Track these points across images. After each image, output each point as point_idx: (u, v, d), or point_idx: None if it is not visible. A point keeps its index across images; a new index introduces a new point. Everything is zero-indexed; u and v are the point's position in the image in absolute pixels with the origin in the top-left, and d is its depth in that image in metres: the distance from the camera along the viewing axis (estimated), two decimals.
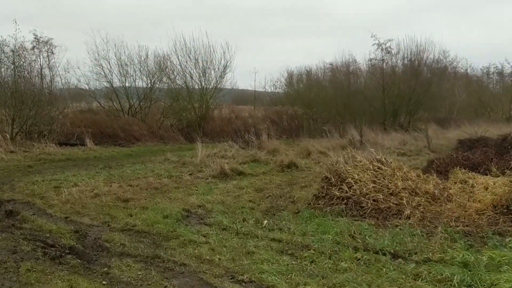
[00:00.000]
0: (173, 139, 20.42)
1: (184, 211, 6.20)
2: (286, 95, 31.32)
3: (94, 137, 18.26)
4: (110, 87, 22.59)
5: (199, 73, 22.32)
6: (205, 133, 21.93)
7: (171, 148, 18.34)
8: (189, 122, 22.53)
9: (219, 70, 22.34)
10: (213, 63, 22.23)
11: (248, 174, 9.32)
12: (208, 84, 22.39)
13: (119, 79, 22.45)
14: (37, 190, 8.25)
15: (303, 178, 8.77)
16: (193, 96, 22.73)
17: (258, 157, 11.22)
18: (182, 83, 22.89)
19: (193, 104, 22.52)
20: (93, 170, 10.82)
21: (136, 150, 16.82)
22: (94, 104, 23.73)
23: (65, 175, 9.92)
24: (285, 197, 6.96)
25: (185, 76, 22.58)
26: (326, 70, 29.57)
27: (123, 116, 21.50)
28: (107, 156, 14.89)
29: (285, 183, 8.33)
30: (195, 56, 22.12)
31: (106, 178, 9.44)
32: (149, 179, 9.11)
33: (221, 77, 22.47)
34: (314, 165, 10.28)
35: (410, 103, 25.32)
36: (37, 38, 20.85)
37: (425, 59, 25.22)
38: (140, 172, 10.31)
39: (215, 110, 23.26)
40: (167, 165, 11.47)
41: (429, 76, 25.45)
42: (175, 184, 8.55)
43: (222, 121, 22.44)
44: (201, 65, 22.18)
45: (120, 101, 22.56)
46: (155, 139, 20.00)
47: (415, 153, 12.77)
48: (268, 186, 7.91)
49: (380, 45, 26.04)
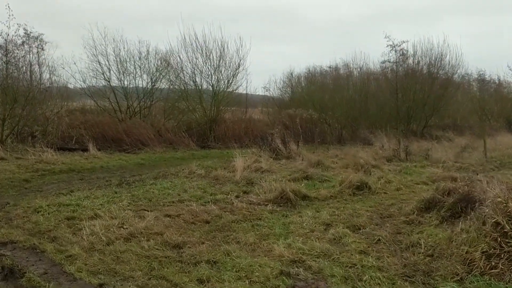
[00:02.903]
0: (182, 143, 18.19)
1: (281, 273, 4.06)
2: (291, 97, 29.29)
3: (96, 141, 16.00)
4: (108, 85, 20.22)
5: (211, 71, 20.12)
6: (216, 137, 19.75)
7: (182, 155, 16.18)
8: (199, 125, 20.32)
9: (232, 69, 20.16)
10: (226, 61, 20.06)
11: (313, 198, 7.22)
12: (221, 83, 20.19)
13: (117, 76, 20.08)
14: (44, 223, 6.04)
15: (394, 207, 6.68)
16: (204, 96, 20.52)
17: (310, 173, 9.11)
18: (190, 82, 20.65)
19: (203, 105, 20.30)
20: (108, 189, 8.60)
21: (146, 158, 14.58)
22: (88, 103, 21.38)
23: (75, 196, 7.69)
24: (405, 244, 4.89)
25: (194, 74, 20.36)
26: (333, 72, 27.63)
27: (121, 116, 19.20)
28: (115, 166, 12.65)
29: (377, 215, 6.23)
30: (207, 53, 19.91)
31: (131, 203, 7.25)
32: (189, 205, 6.95)
33: (234, 77, 20.30)
34: (387, 186, 8.19)
35: (425, 109, 23.48)
36: (27, 33, 18.43)
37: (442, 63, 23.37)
38: (170, 192, 8.13)
39: (227, 112, 21.06)
40: (197, 181, 9.31)
41: (445, 81, 23.57)
42: (229, 214, 6.40)
43: (234, 124, 20.22)
44: (214, 63, 19.99)
45: (118, 101, 20.23)
46: (163, 143, 17.76)
47: (491, 169, 10.63)
48: (359, 221, 5.81)
49: (394, 47, 24.18)
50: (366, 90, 22.21)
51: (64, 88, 19.53)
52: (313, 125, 19.98)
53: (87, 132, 17.10)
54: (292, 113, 20.51)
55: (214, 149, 18.26)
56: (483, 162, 11.62)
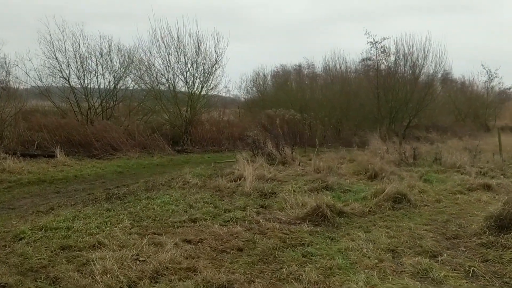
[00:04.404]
0: (157, 148, 16.81)
1: None
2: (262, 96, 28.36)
3: (61, 146, 14.38)
4: (66, 84, 18.42)
5: (186, 68, 18.79)
6: (193, 141, 18.50)
7: (160, 160, 14.86)
8: (173, 127, 18.98)
9: (209, 65, 18.94)
10: (202, 57, 18.83)
11: (349, 213, 6.30)
12: (198, 82, 18.93)
13: (77, 75, 18.35)
14: (34, 255, 4.75)
15: (451, 224, 5.80)
16: (178, 95, 19.19)
17: (329, 182, 8.17)
18: (162, 79, 19.22)
19: (178, 105, 18.95)
20: (97, 205, 7.28)
21: (123, 165, 13.16)
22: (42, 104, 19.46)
23: (61, 216, 6.35)
24: (509, 277, 4.02)
25: (167, 71, 18.96)
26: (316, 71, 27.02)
27: (80, 118, 17.53)
28: (91, 175, 11.22)
29: (440, 236, 5.31)
30: (181, 48, 18.57)
31: (133, 223, 6.03)
32: (207, 226, 5.83)
33: (211, 74, 19.09)
34: (424, 197, 7.36)
35: (407, 108, 23.17)
36: None
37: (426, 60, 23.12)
38: (173, 208, 6.93)
39: (204, 113, 19.84)
40: (198, 193, 8.15)
41: (429, 80, 23.37)
42: (262, 237, 5.32)
43: (212, 126, 19.05)
44: (189, 59, 18.69)
45: (78, 101, 18.52)
46: (136, 148, 16.31)
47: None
48: (426, 245, 4.84)
49: (374, 44, 23.76)
50: (347, 89, 21.62)
51: (14, 88, 17.62)
52: (296, 126, 19.11)
53: (51, 136, 15.45)
54: (272, 113, 19.54)
55: (192, 154, 17.02)
56: (503, 166, 10.96)
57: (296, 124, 19.60)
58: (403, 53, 21.97)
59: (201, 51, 18.49)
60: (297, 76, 27.27)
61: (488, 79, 32.00)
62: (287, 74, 29.62)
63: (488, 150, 13.47)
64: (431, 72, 22.15)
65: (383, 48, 23.20)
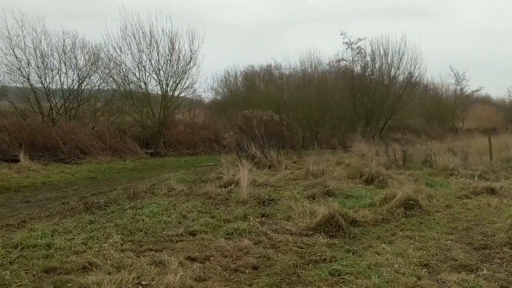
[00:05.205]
0: (129, 151, 15.91)
1: None
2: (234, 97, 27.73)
3: (24, 150, 13.27)
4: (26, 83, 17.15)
5: (159, 66, 17.90)
6: (167, 143, 17.65)
7: (134, 165, 14.00)
8: (145, 129, 18.05)
9: (183, 64, 18.12)
10: (177, 54, 18.00)
11: (363, 222, 5.79)
12: (171, 81, 18.08)
13: (38, 73, 17.13)
14: (13, 281, 3.96)
15: (473, 233, 5.35)
16: (150, 95, 18.26)
17: (330, 187, 7.65)
18: (133, 78, 18.23)
19: (150, 105, 18.02)
20: (76, 216, 6.46)
21: (95, 170, 12.23)
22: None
23: (38, 231, 5.51)
24: None
25: (139, 69, 17.99)
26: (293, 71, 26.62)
27: (41, 119, 16.37)
28: (61, 182, 10.30)
29: (468, 246, 4.87)
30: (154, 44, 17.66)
31: (124, 238, 5.29)
32: (210, 240, 5.18)
33: (184, 72, 18.27)
34: (432, 202, 6.96)
35: (383, 110, 23.16)
36: None
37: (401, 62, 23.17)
38: (165, 218, 6.21)
39: (178, 113, 19.00)
40: (188, 201, 7.43)
41: (404, 82, 23.48)
42: (276, 252, 4.74)
43: (186, 128, 18.26)
44: (162, 56, 17.83)
45: (39, 100, 17.30)
46: (107, 151, 15.35)
47: (506, 176, 9.63)
48: (458, 257, 4.38)
49: (350, 45, 23.65)
50: (324, 90, 21.33)
51: None
52: (275, 128, 18.59)
53: (12, 139, 14.25)
54: (249, 114, 18.95)
55: (167, 157, 16.21)
56: (494, 168, 10.80)
57: (275, 125, 19.11)
58: (378, 54, 21.93)
59: (175, 48, 17.68)
60: (271, 76, 26.83)
61: (456, 81, 32.73)
62: (256, 74, 29.21)
63: (471, 152, 13.37)
64: (406, 74, 22.22)
65: (359, 49, 23.16)
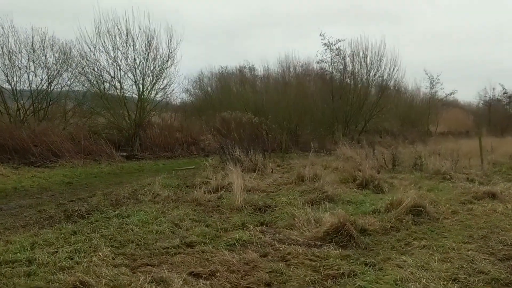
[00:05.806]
0: (104, 154, 15.16)
1: None
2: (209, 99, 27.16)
3: None
4: None
5: (135, 65, 17.15)
6: (144, 146, 16.97)
7: (111, 168, 13.31)
8: (120, 131, 17.30)
9: (160, 62, 17.44)
10: (153, 52, 17.30)
11: (371, 231, 5.44)
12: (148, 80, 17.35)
13: (4, 71, 16.16)
14: None
15: (491, 242, 5.02)
16: (126, 95, 17.52)
17: (328, 192, 7.29)
18: (107, 77, 17.37)
19: (126, 105, 17.25)
20: (57, 226, 5.85)
21: (70, 174, 11.50)
22: None
23: (16, 244, 4.91)
24: None
25: (114, 67, 17.18)
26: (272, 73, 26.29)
27: (8, 121, 15.44)
28: (35, 187, 9.59)
29: (491, 257, 4.53)
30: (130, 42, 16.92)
31: (114, 251, 4.75)
32: (211, 253, 4.70)
33: (162, 71, 17.58)
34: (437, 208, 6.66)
35: (362, 112, 23.11)
36: None
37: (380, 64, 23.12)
38: (156, 228, 5.67)
39: (155, 115, 18.32)
40: (177, 208, 6.89)
41: (383, 84, 23.47)
42: (287, 266, 4.31)
43: (163, 130, 17.61)
44: (139, 54, 17.10)
45: (5, 101, 16.34)
46: (81, 154, 14.56)
47: (499, 180, 9.50)
48: (485, 270, 4.02)
49: (329, 46, 23.50)
50: (303, 93, 21.06)
51: None
52: (254, 130, 18.15)
53: None
54: (227, 116, 18.47)
55: (144, 160, 15.53)
56: (487, 172, 10.71)
57: (254, 128, 18.68)
58: (357, 56, 21.88)
59: (152, 46, 17.00)
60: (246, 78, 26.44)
61: (431, 84, 33.15)
62: (230, 76, 28.74)
63: (470, 155, 13.18)
64: (385, 77, 22.25)
65: (338, 50, 23.04)
